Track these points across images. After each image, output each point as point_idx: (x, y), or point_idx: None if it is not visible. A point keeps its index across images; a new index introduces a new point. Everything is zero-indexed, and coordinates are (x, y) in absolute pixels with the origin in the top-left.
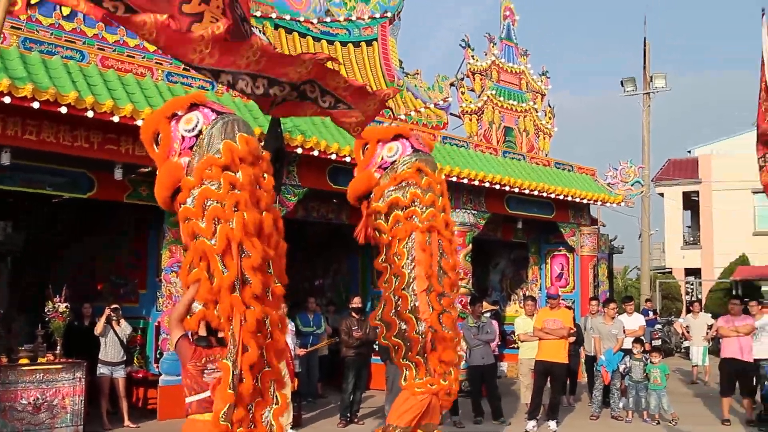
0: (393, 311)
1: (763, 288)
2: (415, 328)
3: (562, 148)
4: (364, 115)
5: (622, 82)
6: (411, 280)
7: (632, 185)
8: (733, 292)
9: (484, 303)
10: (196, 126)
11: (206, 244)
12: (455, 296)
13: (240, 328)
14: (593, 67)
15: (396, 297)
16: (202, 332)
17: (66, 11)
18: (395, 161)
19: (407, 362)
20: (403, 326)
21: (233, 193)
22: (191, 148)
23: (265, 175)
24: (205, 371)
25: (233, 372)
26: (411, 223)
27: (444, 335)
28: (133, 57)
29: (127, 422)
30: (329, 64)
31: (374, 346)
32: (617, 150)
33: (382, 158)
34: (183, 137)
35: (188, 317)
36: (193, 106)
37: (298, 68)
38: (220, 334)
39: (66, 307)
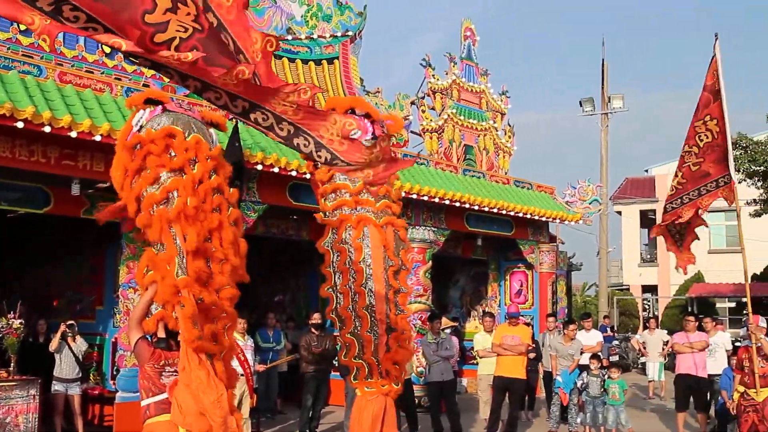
0: (349, 306)
1: (718, 305)
2: (368, 326)
3: (521, 166)
4: (370, 168)
5: (580, 102)
6: (368, 276)
7: (590, 203)
8: (689, 309)
9: (444, 319)
10: (139, 121)
11: (149, 233)
12: (409, 291)
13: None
14: (552, 88)
15: (353, 293)
16: (161, 334)
17: (24, 26)
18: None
19: (359, 361)
20: (358, 323)
21: (175, 178)
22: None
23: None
24: (163, 373)
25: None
26: (365, 215)
27: (398, 335)
28: (92, 72)
29: None
30: (319, 96)
31: (334, 362)
32: (576, 169)
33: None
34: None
35: (146, 319)
36: (148, 102)
37: (282, 104)
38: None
39: (20, 323)
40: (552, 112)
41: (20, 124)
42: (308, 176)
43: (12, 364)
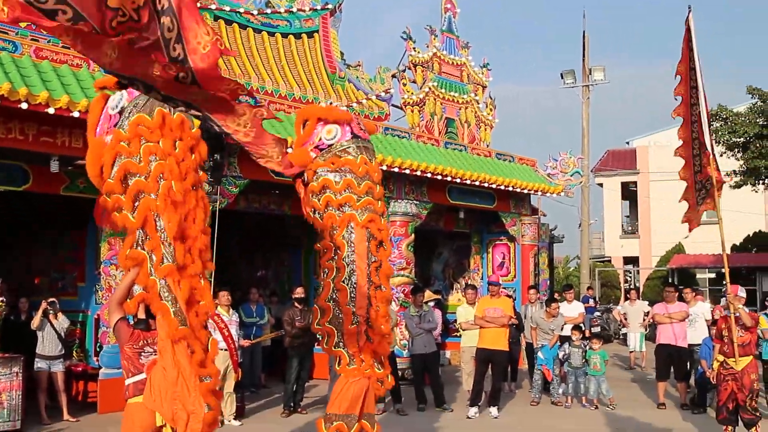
0: (329, 298)
1: (698, 275)
2: (351, 320)
3: (503, 139)
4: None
5: (562, 74)
6: (351, 273)
7: (572, 175)
8: (670, 280)
9: (426, 292)
10: (119, 103)
11: (128, 219)
12: (388, 291)
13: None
14: (533, 61)
15: (334, 287)
16: (141, 315)
17: None
18: (332, 144)
19: (339, 350)
20: (340, 316)
21: (160, 163)
22: (116, 125)
23: (192, 153)
24: (143, 354)
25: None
26: (349, 213)
27: (380, 330)
28: (69, 48)
29: (66, 416)
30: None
31: (317, 336)
32: (557, 142)
33: (320, 139)
34: (110, 116)
35: (128, 300)
36: (122, 85)
37: (235, 122)
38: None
39: (2, 301)
40: (533, 85)
41: None
42: (290, 150)
43: None
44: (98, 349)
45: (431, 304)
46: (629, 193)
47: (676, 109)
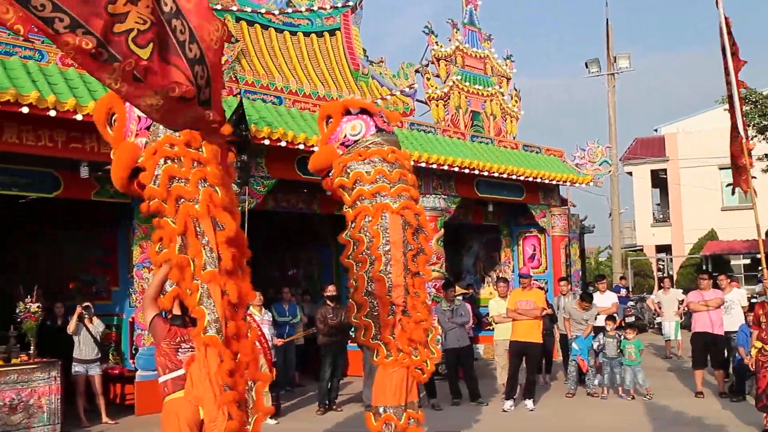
0: (365, 292)
1: (733, 262)
2: (388, 311)
3: (529, 131)
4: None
5: (586, 63)
6: (387, 262)
7: (600, 165)
8: (703, 267)
9: (457, 287)
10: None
11: (170, 225)
12: (428, 276)
13: (222, 300)
14: (558, 50)
15: (369, 279)
16: (176, 311)
17: None
18: (358, 140)
19: (377, 342)
20: (377, 308)
21: (200, 168)
22: (148, 128)
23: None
24: (180, 350)
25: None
26: (382, 202)
27: (415, 317)
28: None
29: (105, 419)
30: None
31: (350, 333)
32: (585, 131)
33: (345, 135)
34: (139, 117)
35: (162, 296)
36: None
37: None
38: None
39: (38, 307)
40: (558, 76)
41: (25, 110)
42: (316, 149)
43: (32, 348)
44: (134, 352)
45: (460, 298)
46: (659, 180)
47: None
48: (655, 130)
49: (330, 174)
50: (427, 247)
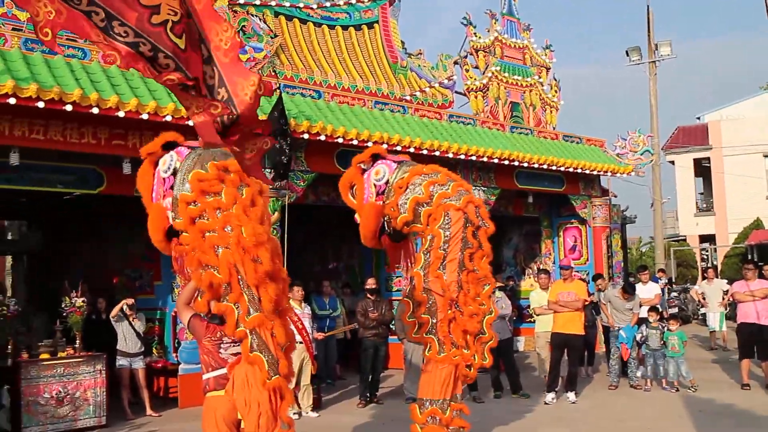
0: (423, 290)
1: None
2: (445, 306)
3: (569, 121)
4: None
5: (627, 51)
6: (444, 260)
7: (642, 154)
8: (749, 257)
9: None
10: (171, 166)
11: (215, 276)
12: (483, 272)
13: (272, 341)
14: (598, 38)
15: (425, 273)
16: (214, 310)
17: None
18: (388, 180)
19: (430, 336)
20: (434, 305)
21: (224, 215)
22: (171, 188)
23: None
24: (222, 345)
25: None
26: (446, 203)
27: (468, 311)
28: None
29: (149, 411)
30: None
31: (391, 326)
32: (626, 120)
33: (375, 185)
34: (163, 179)
35: (196, 300)
36: (168, 146)
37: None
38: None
39: (83, 301)
40: (598, 64)
41: (69, 107)
42: (355, 142)
43: (78, 342)
44: (177, 346)
45: (500, 291)
46: (702, 169)
47: None
48: (698, 118)
49: (385, 231)
50: (486, 243)
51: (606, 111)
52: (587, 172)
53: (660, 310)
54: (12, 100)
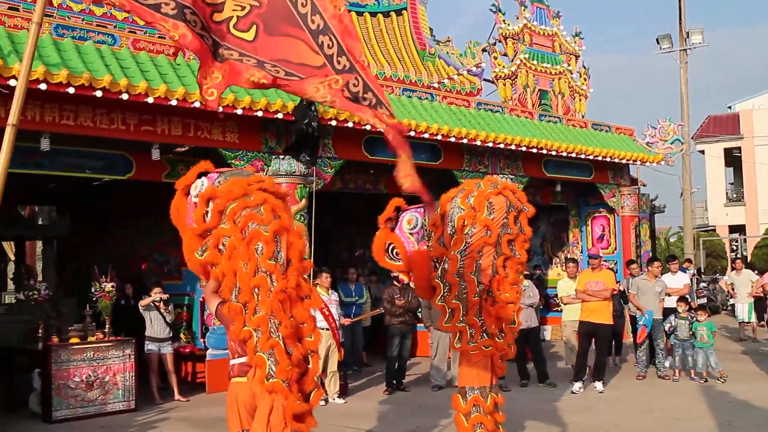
0: (456, 272)
1: None
2: (476, 290)
3: (598, 109)
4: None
5: (657, 39)
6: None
7: (672, 143)
8: None
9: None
10: (201, 191)
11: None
12: (523, 258)
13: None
14: (628, 27)
15: (462, 259)
16: None
17: None
18: (423, 225)
19: (463, 325)
20: (465, 290)
21: (251, 234)
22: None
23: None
24: None
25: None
26: (486, 192)
27: (504, 298)
28: (164, 38)
29: (177, 396)
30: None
31: (418, 314)
32: (655, 109)
33: (411, 234)
34: (195, 204)
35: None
36: (200, 175)
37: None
38: None
39: (112, 286)
40: (628, 52)
41: (99, 93)
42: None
43: (107, 326)
44: (204, 331)
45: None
46: (733, 159)
47: None
48: (729, 107)
49: (438, 262)
50: (527, 227)
51: (636, 99)
52: (616, 160)
53: (689, 300)
54: (43, 86)
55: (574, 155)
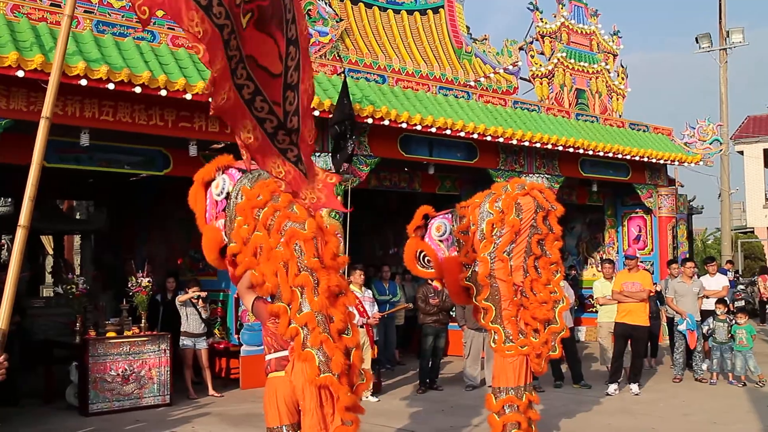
0: (488, 275)
1: None
2: (511, 291)
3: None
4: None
5: (697, 38)
6: (512, 245)
7: (711, 144)
8: None
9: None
10: (223, 189)
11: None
12: (555, 257)
13: (331, 327)
14: (667, 26)
15: (493, 259)
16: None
17: None
18: (452, 231)
19: (496, 326)
20: (497, 291)
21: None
22: (224, 210)
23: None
24: None
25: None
26: (513, 193)
27: (534, 299)
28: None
29: (211, 391)
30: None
31: (451, 313)
32: (694, 109)
33: (442, 242)
34: (216, 202)
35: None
36: (220, 170)
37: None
38: None
39: (149, 281)
40: (667, 51)
41: (138, 89)
42: (419, 127)
43: (143, 321)
44: (239, 328)
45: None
46: None
47: None
48: None
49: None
50: (557, 226)
51: (674, 99)
52: (654, 161)
53: (727, 302)
54: (83, 82)
55: (611, 155)
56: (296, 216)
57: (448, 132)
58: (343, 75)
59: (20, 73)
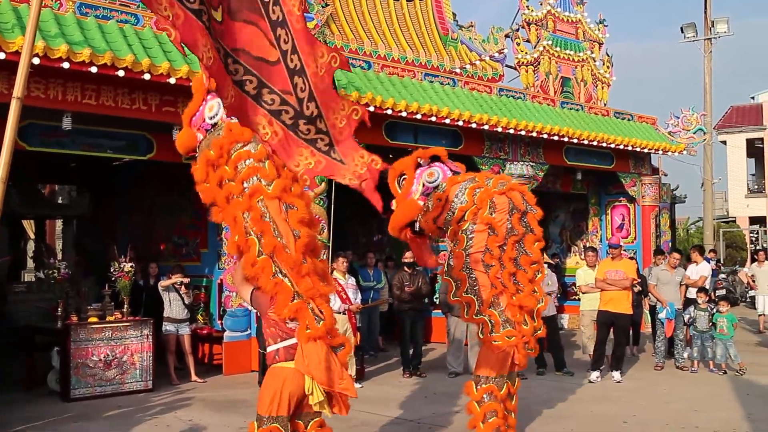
0: (464, 267)
1: None
2: (485, 285)
3: (621, 98)
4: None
5: (682, 28)
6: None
7: (694, 133)
8: None
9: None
10: (217, 114)
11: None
12: (535, 256)
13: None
14: (653, 14)
15: (467, 255)
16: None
17: None
18: (438, 185)
19: (481, 317)
20: (476, 284)
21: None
22: (207, 130)
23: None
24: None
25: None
26: (490, 191)
27: (529, 287)
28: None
29: (194, 377)
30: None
31: (434, 300)
32: (679, 98)
33: (424, 185)
34: (203, 117)
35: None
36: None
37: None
38: None
39: (131, 266)
40: (652, 40)
41: (121, 73)
42: (404, 114)
43: (125, 306)
44: (222, 313)
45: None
46: (755, 150)
47: None
48: (752, 98)
49: (411, 226)
50: (537, 227)
51: (659, 88)
52: (638, 149)
53: (708, 291)
54: (65, 65)
55: (595, 143)
56: (265, 172)
57: (434, 119)
58: None
59: (1, 55)
